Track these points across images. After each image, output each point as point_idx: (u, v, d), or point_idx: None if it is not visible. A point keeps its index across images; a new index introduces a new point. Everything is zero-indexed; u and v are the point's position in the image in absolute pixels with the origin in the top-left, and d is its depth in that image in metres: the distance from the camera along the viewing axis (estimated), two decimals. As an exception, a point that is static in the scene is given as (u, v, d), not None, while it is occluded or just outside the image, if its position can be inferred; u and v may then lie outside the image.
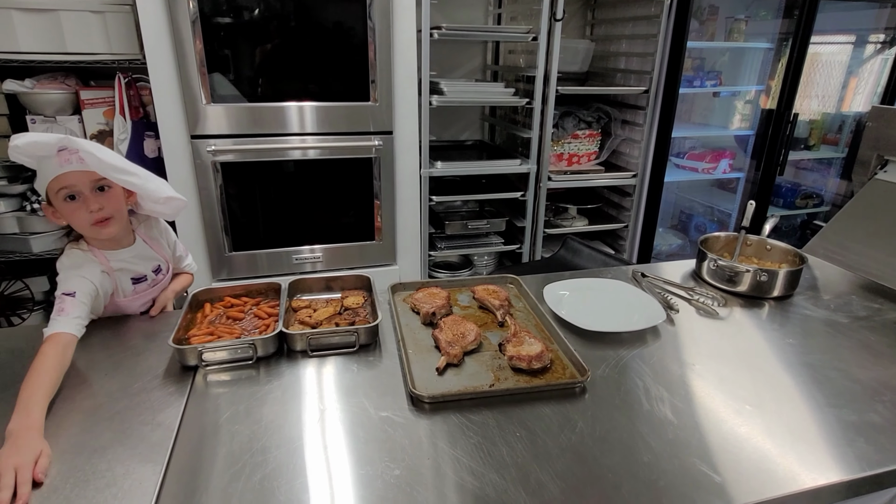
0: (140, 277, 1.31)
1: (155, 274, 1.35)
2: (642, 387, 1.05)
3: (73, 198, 1.13)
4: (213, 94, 2.12)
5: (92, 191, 1.14)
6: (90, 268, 1.20)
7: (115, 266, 1.25)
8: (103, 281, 1.22)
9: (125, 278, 1.29)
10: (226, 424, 0.92)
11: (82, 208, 1.13)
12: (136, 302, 1.32)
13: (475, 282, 1.46)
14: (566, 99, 2.65)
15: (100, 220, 1.16)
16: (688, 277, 1.59)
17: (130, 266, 1.29)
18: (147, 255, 1.34)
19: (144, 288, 1.33)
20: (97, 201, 1.14)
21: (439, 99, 2.41)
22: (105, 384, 1.02)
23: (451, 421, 0.94)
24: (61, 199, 1.13)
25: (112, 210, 1.18)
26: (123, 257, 1.27)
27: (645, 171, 2.80)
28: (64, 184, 1.11)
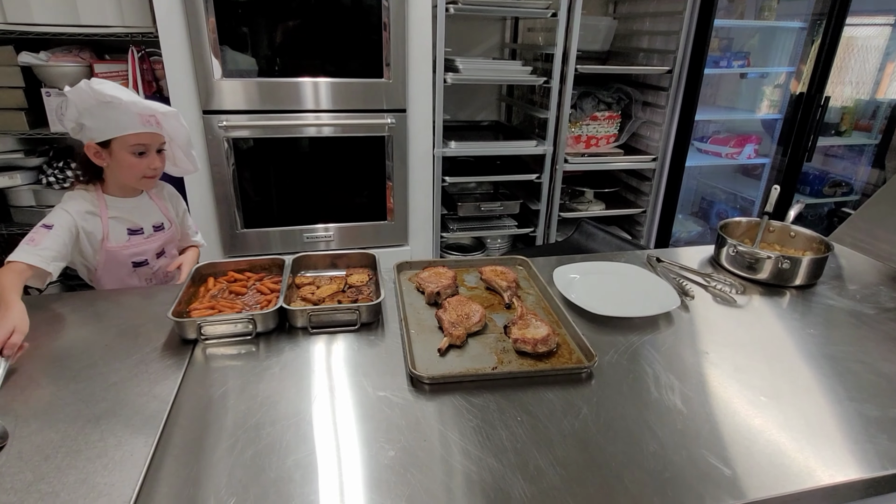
0: (137, 229, 1.41)
1: (154, 230, 1.44)
2: (652, 374, 1.01)
3: (142, 153, 1.31)
4: (226, 69, 2.10)
5: (156, 150, 1.34)
6: (79, 204, 1.32)
7: (112, 213, 1.36)
8: (88, 222, 1.32)
9: (120, 227, 1.38)
10: (221, 399, 0.90)
11: (146, 162, 1.32)
12: (128, 251, 1.39)
13: (483, 262, 1.43)
14: (585, 79, 2.57)
15: (151, 176, 1.35)
16: (705, 263, 1.53)
17: (128, 216, 1.39)
18: (149, 210, 1.44)
19: (139, 241, 1.41)
20: (159, 160, 1.35)
21: (455, 77, 2.36)
22: (104, 354, 1.02)
23: (451, 403, 0.91)
24: (130, 151, 1.29)
25: (162, 169, 1.39)
26: (124, 206, 1.39)
27: (665, 155, 2.71)
28: (142, 141, 1.29)
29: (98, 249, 1.35)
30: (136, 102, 1.24)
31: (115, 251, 1.36)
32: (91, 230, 1.33)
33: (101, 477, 0.74)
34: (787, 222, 1.55)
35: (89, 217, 1.33)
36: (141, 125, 1.26)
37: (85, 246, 1.33)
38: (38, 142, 2.46)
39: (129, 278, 1.42)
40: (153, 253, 1.44)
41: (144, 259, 1.42)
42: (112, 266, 1.38)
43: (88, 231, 1.32)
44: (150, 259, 1.44)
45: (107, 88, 1.23)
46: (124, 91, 1.25)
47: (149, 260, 1.43)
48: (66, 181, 2.36)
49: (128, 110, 1.24)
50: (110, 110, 1.23)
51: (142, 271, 1.44)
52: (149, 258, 1.43)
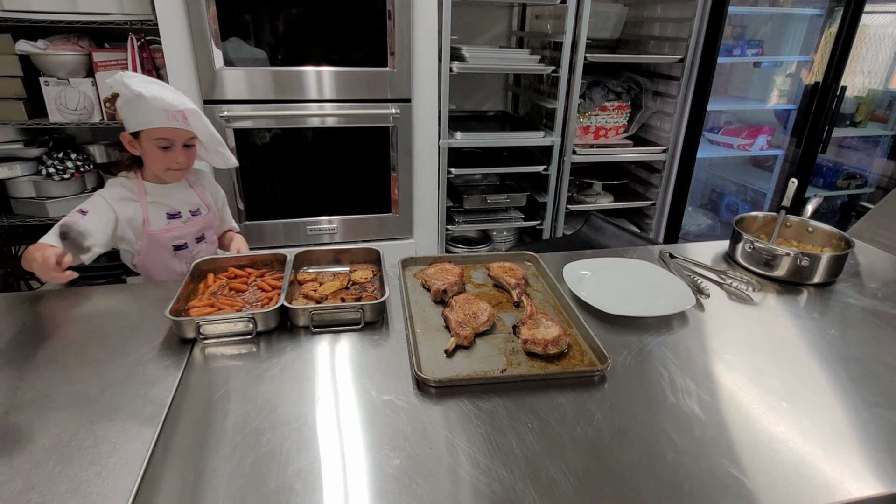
0: (175, 213, 1.43)
1: (192, 214, 1.46)
2: (667, 377, 0.97)
3: (166, 147, 1.32)
4: (227, 58, 2.05)
5: (182, 145, 1.34)
6: (116, 191, 1.36)
7: (151, 199, 1.40)
8: (127, 208, 1.36)
9: (159, 211, 1.41)
10: (220, 402, 0.87)
11: (169, 157, 1.33)
12: (168, 234, 1.41)
13: (491, 258, 1.38)
14: (595, 68, 2.50)
15: (175, 169, 1.37)
16: (720, 259, 1.49)
17: (165, 201, 1.42)
18: (186, 195, 1.46)
19: (178, 225, 1.43)
20: (183, 155, 1.35)
21: (460, 65, 2.30)
22: (100, 354, 0.98)
23: (458, 407, 0.88)
24: (155, 144, 1.31)
25: (188, 164, 1.40)
26: (163, 192, 1.42)
27: (676, 146, 2.65)
28: (165, 135, 1.30)
29: (140, 234, 1.38)
30: (160, 97, 1.23)
31: (157, 234, 1.39)
32: (131, 215, 1.36)
33: (93, 486, 0.70)
34: (805, 217, 1.50)
35: (127, 203, 1.36)
36: (165, 120, 1.27)
37: (126, 231, 1.36)
38: (38, 132, 2.42)
39: (171, 262, 1.44)
40: (192, 237, 1.46)
41: (184, 242, 1.45)
42: (154, 250, 1.41)
43: (129, 216, 1.36)
44: (190, 243, 1.46)
45: (134, 83, 1.23)
46: (154, 85, 1.25)
47: (188, 244, 1.46)
48: (67, 172, 2.33)
49: (153, 105, 1.25)
50: (139, 103, 1.25)
51: (182, 254, 1.46)
52: (188, 241, 1.46)
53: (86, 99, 2.24)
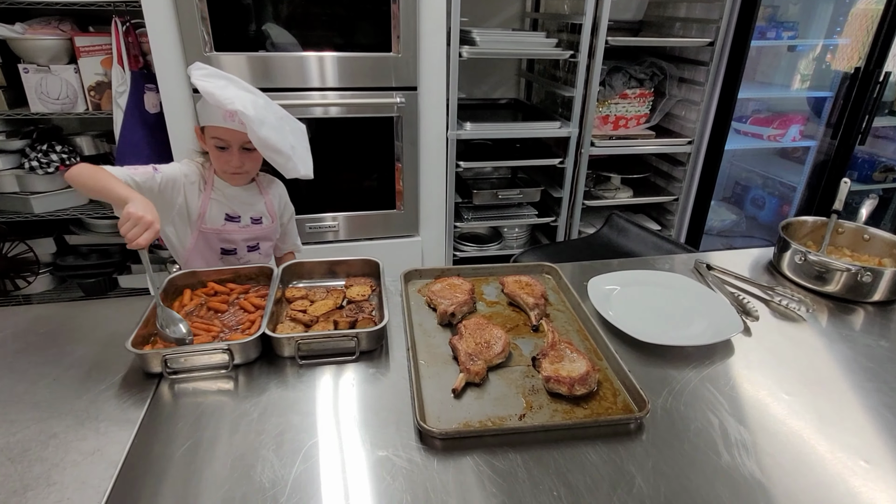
0: (235, 216, 1.34)
1: (252, 221, 1.37)
2: (718, 426, 0.81)
3: (223, 148, 1.24)
4: (218, 42, 1.88)
5: (240, 149, 1.25)
6: (190, 169, 1.29)
7: (215, 195, 1.31)
8: (192, 192, 1.28)
9: (219, 210, 1.32)
10: (181, 460, 0.73)
11: (226, 158, 1.26)
12: (220, 236, 1.33)
13: (505, 271, 1.23)
14: (616, 52, 2.31)
15: (233, 173, 1.29)
16: (762, 271, 1.32)
17: (229, 202, 1.33)
18: (253, 201, 1.37)
19: (234, 228, 1.34)
20: (240, 159, 1.26)
21: (470, 50, 2.12)
22: (51, 394, 0.84)
23: (469, 467, 0.73)
24: (213, 143, 1.24)
25: (249, 168, 1.30)
26: (230, 192, 1.33)
27: (703, 137, 2.46)
28: (220, 135, 1.22)
29: (192, 226, 1.31)
30: (212, 94, 1.15)
31: (208, 233, 1.31)
32: (191, 200, 1.29)
33: (13, 584, 0.56)
34: (860, 222, 1.33)
35: (195, 187, 1.30)
36: (221, 119, 1.19)
37: (182, 214, 1.29)
38: (22, 123, 2.28)
39: (217, 263, 1.36)
40: (244, 244, 1.38)
41: (234, 248, 1.37)
42: (202, 248, 1.33)
43: (189, 199, 1.29)
44: (241, 250, 1.38)
45: (196, 75, 1.19)
46: (218, 80, 1.19)
47: (238, 250, 1.38)
48: (51, 165, 2.19)
49: (209, 101, 1.17)
50: (206, 97, 1.17)
51: (229, 260, 1.37)
52: (238, 248, 1.37)
53: (68, 87, 2.09)
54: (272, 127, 1.20)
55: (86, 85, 2.11)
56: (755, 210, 3.10)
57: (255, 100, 1.20)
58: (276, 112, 1.27)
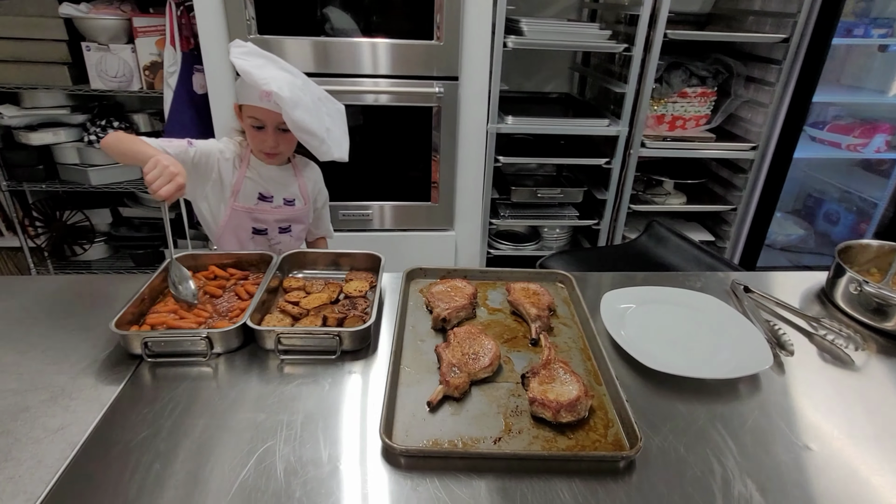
0: (268, 196, 1.34)
1: (285, 203, 1.36)
2: (720, 475, 0.71)
3: (258, 127, 1.24)
4: (261, 25, 1.89)
5: (275, 129, 1.24)
6: (227, 146, 1.30)
7: (250, 174, 1.31)
8: (227, 168, 1.29)
9: (253, 189, 1.32)
10: (139, 447, 0.71)
11: (261, 137, 1.25)
12: (252, 215, 1.33)
13: (516, 276, 1.15)
14: (677, 47, 2.14)
15: (269, 154, 1.28)
16: (812, 298, 1.17)
17: (263, 182, 1.33)
18: (287, 182, 1.37)
19: (266, 208, 1.34)
20: (275, 139, 1.26)
21: (517, 40, 2.02)
22: (38, 364, 0.86)
23: (427, 490, 0.67)
24: (249, 122, 1.25)
25: (284, 149, 1.30)
26: (265, 171, 1.33)
27: (769, 142, 2.25)
28: (255, 115, 1.22)
29: (225, 203, 1.31)
30: (248, 73, 1.14)
31: (240, 212, 1.31)
32: (225, 176, 1.29)
33: (-57, 559, 0.56)
34: (938, 251, 1.15)
35: (230, 164, 1.30)
36: (258, 99, 1.18)
37: (215, 190, 1.30)
38: (88, 98, 2.40)
39: (247, 245, 1.37)
40: (276, 225, 1.37)
41: (265, 228, 1.37)
42: (234, 226, 1.34)
43: (223, 176, 1.29)
44: (272, 230, 1.38)
45: (234, 52, 1.19)
46: (256, 59, 1.19)
47: (269, 230, 1.38)
48: (108, 140, 2.29)
49: (245, 80, 1.17)
50: (242, 76, 1.17)
51: (260, 239, 1.38)
52: (270, 228, 1.37)
53: (125, 65, 2.17)
54: (307, 109, 1.18)
55: (141, 64, 2.18)
56: (827, 226, 2.81)
57: (293, 80, 1.19)
58: (314, 93, 1.25)
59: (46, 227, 2.45)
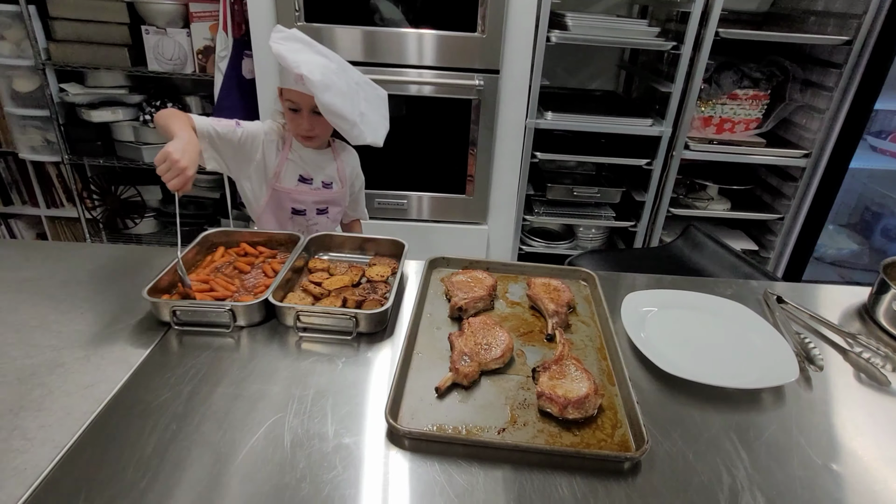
0: (308, 178, 1.38)
1: (323, 185, 1.40)
2: (728, 486, 0.69)
3: (294, 110, 1.27)
4: (308, 13, 1.93)
5: (309, 112, 1.26)
6: (271, 129, 1.34)
7: (292, 156, 1.35)
8: (270, 149, 1.33)
9: (293, 171, 1.36)
10: (159, 408, 0.75)
11: (297, 120, 1.29)
12: (291, 196, 1.36)
13: (539, 271, 1.14)
14: (730, 47, 2.05)
15: (306, 137, 1.32)
16: (852, 315, 1.11)
17: (304, 164, 1.37)
18: (326, 165, 1.41)
19: (305, 190, 1.38)
20: (310, 122, 1.28)
21: (561, 35, 1.99)
22: (77, 325, 0.92)
23: (427, 473, 0.68)
24: (285, 105, 1.28)
25: (320, 132, 1.33)
26: (305, 154, 1.37)
27: (823, 150, 2.13)
28: (291, 98, 1.26)
29: (267, 184, 1.35)
30: (283, 56, 1.17)
31: (281, 193, 1.35)
32: (269, 158, 1.33)
33: (-23, 493, 0.61)
34: None
35: (273, 146, 1.34)
36: (293, 82, 1.21)
37: (259, 171, 1.34)
38: (145, 80, 2.52)
39: (287, 225, 1.42)
40: (314, 206, 1.41)
41: (304, 209, 1.40)
42: (274, 207, 1.38)
43: (267, 158, 1.33)
44: (310, 212, 1.41)
45: (274, 37, 1.21)
46: (292, 43, 1.21)
47: (307, 211, 1.41)
48: (161, 120, 2.40)
49: (282, 64, 1.20)
50: (277, 59, 1.20)
51: (298, 220, 1.42)
52: (308, 209, 1.41)
53: (180, 49, 2.27)
54: (339, 92, 1.19)
55: (195, 48, 2.27)
56: (885, 242, 2.66)
57: (327, 64, 1.20)
58: (352, 78, 1.27)
59: (102, 200, 2.59)
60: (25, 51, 2.26)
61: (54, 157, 2.46)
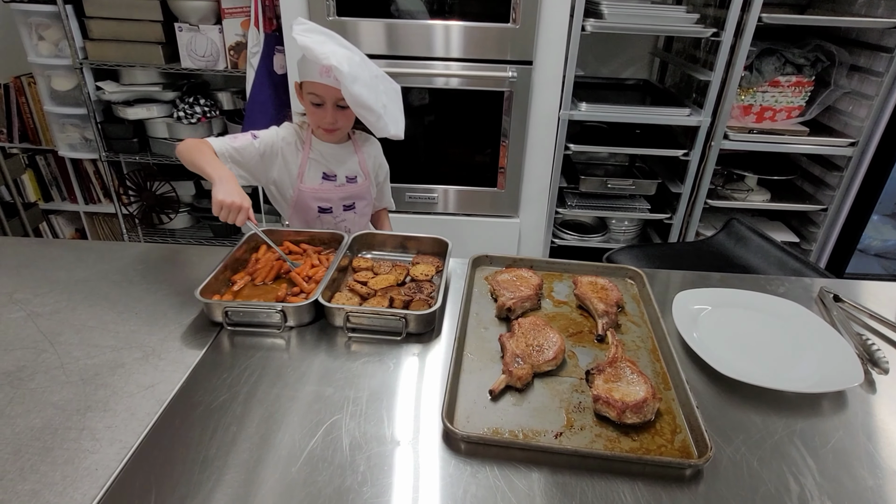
0: (331, 175, 1.38)
1: (347, 180, 1.40)
2: (797, 494, 0.67)
3: (317, 104, 1.26)
4: (341, 7, 1.93)
5: (334, 105, 1.26)
6: (288, 132, 1.35)
7: (313, 155, 1.35)
8: (291, 151, 1.34)
9: (317, 169, 1.36)
10: (219, 409, 0.76)
11: (320, 114, 1.28)
12: (316, 195, 1.36)
13: (583, 269, 1.12)
14: (770, 32, 1.99)
15: (328, 130, 1.31)
16: (913, 312, 1.07)
17: (326, 161, 1.36)
18: (348, 159, 1.40)
19: (330, 188, 1.38)
20: (334, 115, 1.28)
21: (596, 24, 1.95)
22: (132, 325, 0.93)
23: (485, 477, 0.68)
24: (308, 99, 1.27)
25: (343, 125, 1.32)
26: (326, 150, 1.36)
27: (871, 138, 2.05)
28: (315, 91, 1.24)
29: (292, 185, 1.36)
30: (310, 49, 1.16)
31: (306, 192, 1.36)
32: (290, 160, 1.34)
33: (53, 494, 0.63)
34: None
35: (293, 147, 1.35)
36: (317, 75, 1.21)
37: (282, 174, 1.35)
38: (178, 76, 2.55)
39: (315, 224, 1.42)
40: (340, 203, 1.41)
41: (330, 207, 1.40)
42: (301, 207, 1.39)
43: (288, 159, 1.34)
44: (336, 209, 1.41)
45: (297, 30, 1.20)
46: (317, 35, 1.20)
47: (334, 209, 1.41)
48: (194, 116, 2.43)
49: (307, 57, 1.20)
50: (303, 52, 1.21)
51: (326, 218, 1.42)
52: (334, 207, 1.41)
53: (212, 46, 2.28)
54: (365, 84, 1.19)
55: (227, 44, 2.29)
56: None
57: (352, 56, 1.20)
58: (371, 70, 1.26)
59: (138, 196, 2.64)
60: (63, 50, 2.30)
61: (92, 154, 2.51)
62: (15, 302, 0.98)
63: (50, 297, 1.00)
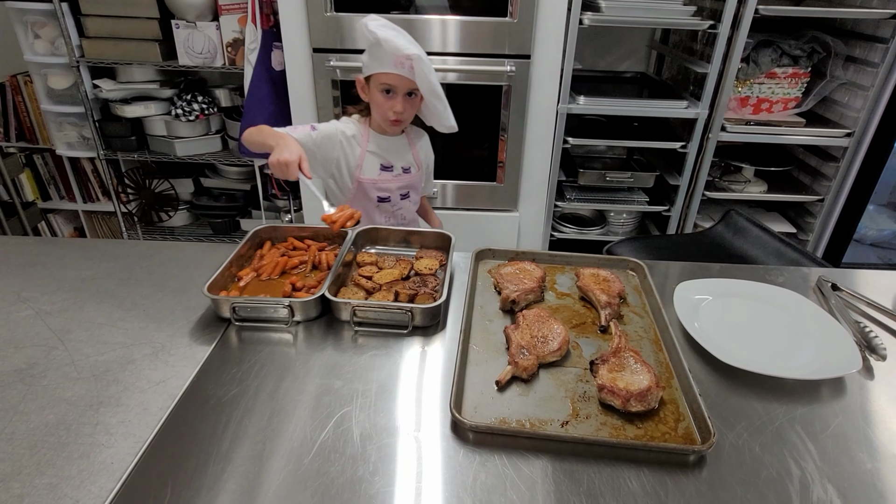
0: (388, 166, 1.42)
1: (403, 171, 1.44)
2: (798, 478, 0.69)
3: (388, 92, 1.29)
4: (338, 3, 1.93)
5: (404, 95, 1.29)
6: (347, 126, 1.38)
7: (371, 147, 1.39)
8: (350, 145, 1.37)
9: (375, 161, 1.40)
10: (230, 403, 0.78)
11: (391, 104, 1.30)
12: (376, 185, 1.41)
13: (584, 262, 1.14)
14: (767, 24, 2.00)
15: (395, 120, 1.33)
16: (909, 300, 1.09)
17: (383, 153, 1.40)
18: (403, 151, 1.44)
19: (388, 178, 1.42)
20: (403, 105, 1.31)
21: (594, 17, 1.95)
22: (141, 322, 0.94)
23: (494, 466, 0.69)
24: (379, 89, 1.29)
25: (409, 115, 1.35)
26: (383, 144, 1.40)
27: (867, 129, 2.07)
28: (389, 81, 1.27)
29: (352, 177, 1.40)
30: (391, 41, 1.21)
31: (366, 183, 1.40)
32: (349, 154, 1.38)
33: (71, 488, 0.64)
34: None
35: (352, 141, 1.38)
36: (392, 66, 1.24)
37: (342, 168, 1.38)
38: (175, 73, 2.55)
39: (374, 213, 1.46)
40: (397, 192, 1.45)
41: (388, 196, 1.44)
42: (360, 198, 1.42)
43: (347, 153, 1.37)
44: (394, 197, 1.45)
45: (372, 25, 1.24)
46: (391, 30, 1.24)
47: (391, 197, 1.45)
48: (192, 114, 2.43)
49: (385, 49, 1.23)
50: (376, 48, 1.25)
51: (384, 207, 1.46)
52: (392, 195, 1.45)
53: (210, 42, 2.28)
54: (435, 75, 1.25)
55: (224, 41, 2.28)
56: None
57: (420, 49, 1.25)
58: None
59: (137, 194, 2.64)
60: (59, 48, 2.29)
61: (90, 152, 2.51)
62: (23, 300, 0.98)
63: (57, 295, 1.01)
